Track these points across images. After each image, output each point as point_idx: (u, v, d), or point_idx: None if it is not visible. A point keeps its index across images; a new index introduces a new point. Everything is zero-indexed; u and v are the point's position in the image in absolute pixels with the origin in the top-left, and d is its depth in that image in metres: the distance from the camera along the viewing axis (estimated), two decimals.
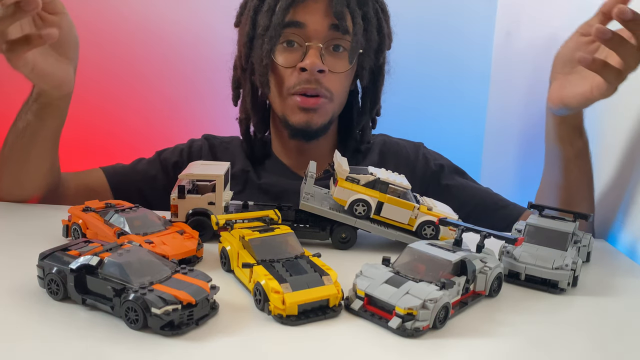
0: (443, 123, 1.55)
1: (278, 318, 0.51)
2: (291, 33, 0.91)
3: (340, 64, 0.93)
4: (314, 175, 0.73)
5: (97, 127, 1.41)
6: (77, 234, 0.68)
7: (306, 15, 0.90)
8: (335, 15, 0.89)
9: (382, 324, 0.51)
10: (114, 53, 1.43)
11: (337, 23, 0.89)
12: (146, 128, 1.42)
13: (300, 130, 0.95)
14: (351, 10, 0.91)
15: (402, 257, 0.58)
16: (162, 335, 0.47)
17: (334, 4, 0.89)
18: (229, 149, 1.06)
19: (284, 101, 0.94)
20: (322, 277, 0.54)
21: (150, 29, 1.44)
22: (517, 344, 0.50)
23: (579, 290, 0.63)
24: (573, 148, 0.83)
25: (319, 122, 0.95)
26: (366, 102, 1.03)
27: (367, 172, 0.72)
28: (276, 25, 0.89)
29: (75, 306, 0.52)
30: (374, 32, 0.95)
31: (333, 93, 0.93)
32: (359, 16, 0.91)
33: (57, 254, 0.54)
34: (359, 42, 0.91)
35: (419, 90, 1.53)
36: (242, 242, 0.60)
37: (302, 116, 0.93)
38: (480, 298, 0.58)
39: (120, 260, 0.50)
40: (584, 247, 0.70)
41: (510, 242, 0.60)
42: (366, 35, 0.94)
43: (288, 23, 0.90)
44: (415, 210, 0.71)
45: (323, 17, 0.90)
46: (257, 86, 0.98)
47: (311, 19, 0.90)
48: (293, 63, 0.91)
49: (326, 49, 0.91)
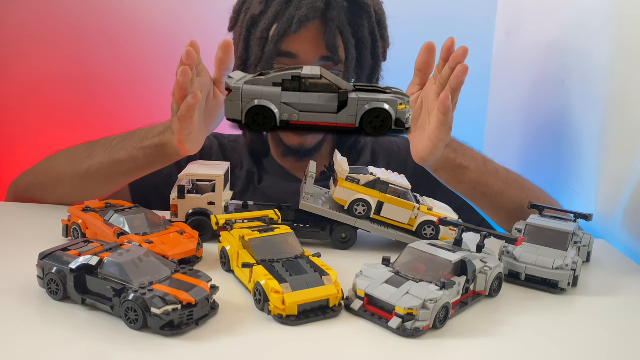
0: None
1: (278, 318, 0.51)
2: (284, 63, 0.89)
3: None
4: (314, 175, 0.73)
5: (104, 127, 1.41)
6: (77, 234, 0.68)
7: (299, 45, 0.88)
8: (327, 48, 0.87)
9: (382, 324, 0.51)
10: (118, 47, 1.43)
11: (329, 55, 0.88)
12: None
13: (293, 150, 0.95)
14: (345, 39, 0.89)
15: (402, 257, 0.58)
16: (162, 335, 0.47)
17: (326, 36, 0.87)
18: (237, 150, 1.05)
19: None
20: (322, 277, 0.54)
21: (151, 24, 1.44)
22: (517, 344, 0.50)
23: (579, 290, 0.63)
24: (463, 184, 0.82)
25: (313, 143, 0.95)
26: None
27: (367, 172, 0.72)
28: (269, 58, 0.87)
29: (75, 306, 0.52)
30: (368, 57, 0.93)
31: None
32: (352, 46, 0.89)
33: (57, 253, 0.54)
34: (350, 75, 0.89)
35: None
36: (242, 242, 0.60)
37: (296, 139, 0.94)
38: (480, 298, 0.58)
39: (120, 260, 0.50)
40: (584, 247, 0.70)
41: (510, 242, 0.60)
42: (359, 62, 0.92)
43: (281, 53, 0.88)
44: (416, 210, 0.71)
45: (315, 48, 0.88)
46: None
47: (303, 50, 0.88)
48: None
49: None
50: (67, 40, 1.42)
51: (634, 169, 0.80)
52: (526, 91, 1.26)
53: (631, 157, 0.81)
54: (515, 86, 1.35)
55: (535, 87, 1.21)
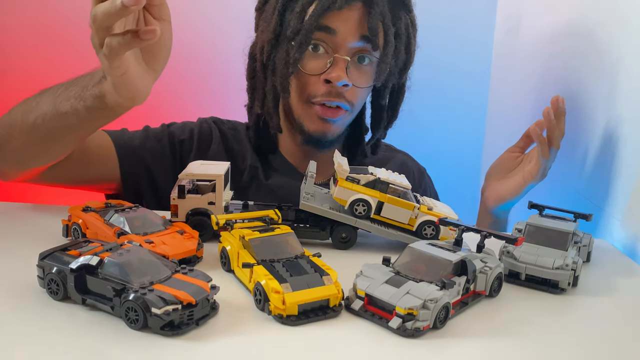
0: (443, 123, 1.56)
1: (278, 318, 0.51)
2: (320, 38, 0.88)
3: (364, 78, 0.91)
4: (314, 175, 0.73)
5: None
6: (77, 233, 0.68)
7: (339, 22, 0.86)
8: (369, 30, 0.86)
9: (383, 324, 0.51)
10: None
11: (370, 37, 0.87)
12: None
13: (315, 138, 0.94)
14: (385, 26, 0.88)
15: (402, 257, 0.58)
16: (162, 335, 0.47)
17: (369, 18, 0.86)
18: (238, 139, 1.02)
19: (303, 108, 0.92)
20: (322, 277, 0.54)
21: None
22: (517, 343, 0.50)
23: (579, 290, 0.63)
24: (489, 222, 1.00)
25: (336, 133, 0.94)
26: (383, 117, 1.00)
27: (367, 172, 0.72)
28: (308, 31, 0.85)
29: (75, 306, 0.52)
30: (402, 51, 0.92)
31: (354, 105, 0.92)
32: (392, 34, 0.89)
33: (57, 253, 0.54)
34: (388, 62, 0.89)
35: (419, 90, 1.53)
36: (242, 242, 0.60)
37: (320, 125, 0.92)
38: (480, 298, 0.58)
39: (120, 260, 0.50)
40: (584, 247, 0.70)
41: (510, 242, 0.60)
42: (395, 54, 0.91)
43: (320, 27, 0.86)
44: (416, 210, 0.71)
45: (356, 27, 0.87)
46: (275, 86, 0.92)
47: (344, 27, 0.87)
48: (318, 71, 0.88)
49: (351, 61, 0.89)
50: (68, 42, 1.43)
51: (634, 168, 0.80)
52: (526, 91, 1.26)
53: (631, 156, 0.81)
54: (515, 86, 1.35)
55: (536, 87, 1.21)
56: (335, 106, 0.90)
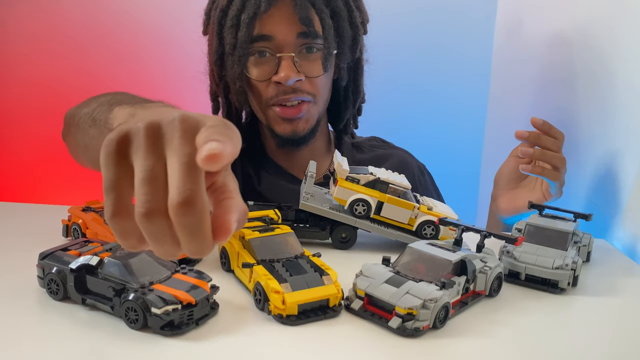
0: (443, 123, 1.56)
1: (278, 318, 0.51)
2: (260, 46, 0.86)
3: (315, 66, 0.89)
4: (314, 175, 0.73)
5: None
6: (77, 233, 0.68)
7: (272, 26, 0.85)
8: (301, 22, 0.85)
9: (382, 324, 0.51)
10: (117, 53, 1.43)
11: (305, 30, 0.86)
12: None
13: (287, 139, 0.93)
14: (318, 11, 0.86)
15: (402, 257, 0.58)
16: (162, 335, 0.47)
17: (298, 10, 0.84)
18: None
19: (266, 113, 0.92)
20: (322, 277, 0.54)
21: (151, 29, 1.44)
22: (517, 343, 0.50)
23: (579, 290, 0.63)
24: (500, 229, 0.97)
25: (306, 128, 0.92)
26: (348, 96, 0.99)
27: (367, 172, 0.72)
28: (243, 43, 0.85)
29: (75, 306, 0.52)
30: (346, 27, 0.90)
31: (315, 95, 0.91)
32: (327, 16, 0.87)
33: (57, 253, 0.54)
34: (330, 46, 0.88)
35: (419, 90, 1.53)
36: (242, 242, 0.60)
37: (287, 126, 0.91)
38: (480, 298, 0.58)
39: (120, 260, 0.50)
40: (584, 246, 0.70)
41: (510, 242, 0.60)
42: (338, 33, 0.89)
43: (255, 37, 0.85)
44: (415, 210, 0.71)
45: (290, 25, 0.86)
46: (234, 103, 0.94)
47: (278, 30, 0.85)
48: (267, 76, 0.87)
49: (299, 54, 0.87)
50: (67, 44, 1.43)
51: (635, 168, 0.80)
52: (526, 91, 1.27)
53: (631, 155, 0.81)
54: (515, 86, 1.35)
55: (536, 88, 1.21)
56: (297, 102, 0.89)
